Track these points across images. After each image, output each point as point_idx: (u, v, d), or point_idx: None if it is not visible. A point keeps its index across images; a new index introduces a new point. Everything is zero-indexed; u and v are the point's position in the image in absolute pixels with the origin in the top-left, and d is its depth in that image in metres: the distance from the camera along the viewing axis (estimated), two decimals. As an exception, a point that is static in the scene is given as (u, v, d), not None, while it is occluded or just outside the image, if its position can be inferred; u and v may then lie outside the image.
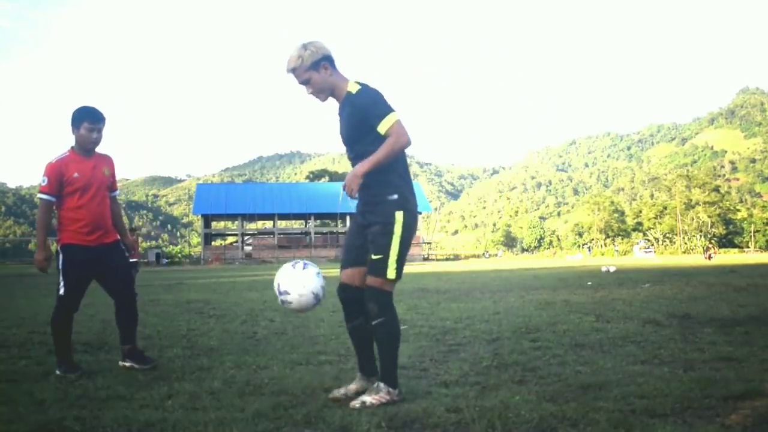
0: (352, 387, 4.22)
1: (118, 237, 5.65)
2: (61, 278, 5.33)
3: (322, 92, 4.23)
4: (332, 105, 4.33)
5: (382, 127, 4.00)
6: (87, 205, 5.34)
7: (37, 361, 5.85)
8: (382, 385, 4.06)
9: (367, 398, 4.00)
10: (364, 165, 3.95)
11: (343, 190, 3.96)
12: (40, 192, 5.32)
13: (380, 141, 4.01)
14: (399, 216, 4.07)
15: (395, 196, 4.08)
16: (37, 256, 5.32)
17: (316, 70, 4.15)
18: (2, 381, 4.98)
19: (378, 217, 4.08)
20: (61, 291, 5.33)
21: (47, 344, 6.85)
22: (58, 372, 5.19)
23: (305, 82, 4.19)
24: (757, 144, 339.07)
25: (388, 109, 4.04)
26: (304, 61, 4.14)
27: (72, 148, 5.43)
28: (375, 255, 4.08)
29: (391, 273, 4.05)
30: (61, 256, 5.34)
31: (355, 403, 3.96)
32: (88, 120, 5.34)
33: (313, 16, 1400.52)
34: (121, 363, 5.52)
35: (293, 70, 4.18)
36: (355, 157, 4.20)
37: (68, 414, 3.88)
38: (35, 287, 20.54)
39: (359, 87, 4.18)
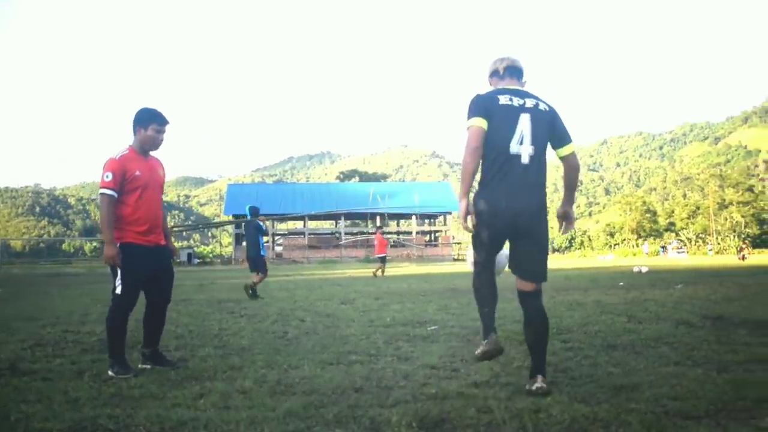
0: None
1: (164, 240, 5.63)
2: (118, 277, 5.27)
3: None
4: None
5: None
6: (146, 204, 5.35)
7: (71, 360, 5.90)
8: None
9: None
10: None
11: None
12: (104, 187, 5.22)
13: None
14: None
15: None
16: (107, 252, 5.18)
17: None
18: (37, 379, 5.03)
19: None
20: (119, 290, 5.28)
21: (82, 343, 6.96)
22: (110, 372, 5.10)
23: None
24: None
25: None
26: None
27: (131, 146, 5.43)
28: None
29: None
30: (120, 255, 5.24)
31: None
32: (157, 122, 5.41)
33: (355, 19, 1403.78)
34: (140, 366, 5.45)
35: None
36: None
37: (102, 412, 3.92)
38: (70, 287, 20.81)
39: None
